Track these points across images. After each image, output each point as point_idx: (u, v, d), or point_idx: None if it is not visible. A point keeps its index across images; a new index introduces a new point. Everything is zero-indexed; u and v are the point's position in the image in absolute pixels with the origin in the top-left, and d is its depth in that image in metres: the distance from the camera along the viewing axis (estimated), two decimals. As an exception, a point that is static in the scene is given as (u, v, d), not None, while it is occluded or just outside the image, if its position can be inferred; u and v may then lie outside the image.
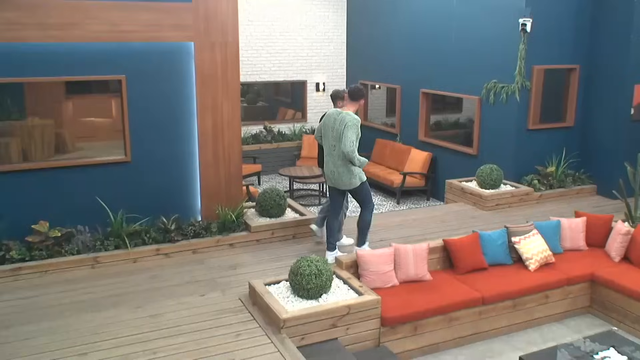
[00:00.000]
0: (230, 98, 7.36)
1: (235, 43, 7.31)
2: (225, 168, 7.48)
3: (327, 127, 6.64)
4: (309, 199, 11.33)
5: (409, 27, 11.80)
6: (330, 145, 6.61)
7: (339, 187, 6.70)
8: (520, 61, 9.12)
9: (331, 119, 6.60)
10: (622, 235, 6.66)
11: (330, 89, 14.26)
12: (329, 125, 6.62)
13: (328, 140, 6.64)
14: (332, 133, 6.55)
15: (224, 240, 7.17)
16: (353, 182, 6.61)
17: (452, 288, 5.91)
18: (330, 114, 6.67)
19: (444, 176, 10.57)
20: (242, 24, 12.55)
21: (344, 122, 6.43)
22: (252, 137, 13.27)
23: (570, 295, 6.38)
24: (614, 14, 9.13)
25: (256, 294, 5.59)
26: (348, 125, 6.38)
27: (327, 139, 6.66)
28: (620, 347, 4.92)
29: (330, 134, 6.58)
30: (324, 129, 6.72)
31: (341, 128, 6.43)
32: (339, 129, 6.46)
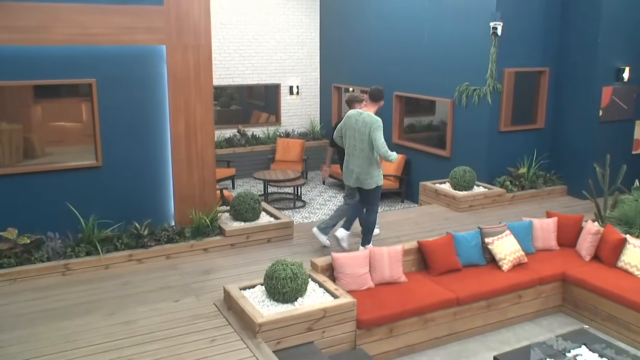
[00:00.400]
0: (203, 101, 7.30)
1: (208, 46, 7.26)
2: (199, 172, 7.41)
3: (348, 127, 6.85)
4: (283, 202, 11.31)
5: (382, 31, 11.87)
6: (351, 146, 6.83)
7: (359, 186, 6.93)
8: (492, 64, 9.24)
9: (352, 120, 6.80)
10: (592, 235, 6.77)
11: (303, 92, 14.29)
12: (350, 126, 6.82)
13: (349, 140, 6.86)
14: (353, 134, 6.77)
15: (198, 245, 7.11)
16: (370, 183, 6.81)
17: (427, 289, 5.94)
18: (351, 115, 6.85)
19: (418, 178, 10.64)
20: (215, 27, 12.49)
21: (367, 124, 6.64)
22: (225, 141, 13.19)
23: (543, 295, 6.47)
24: (582, 17, 9.31)
25: (231, 299, 5.54)
26: (373, 128, 6.60)
27: (348, 140, 6.86)
28: (592, 344, 5.00)
29: (352, 134, 6.79)
30: (345, 129, 6.91)
31: (365, 130, 6.64)
32: (361, 129, 6.68)
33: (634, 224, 7.16)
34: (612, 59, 9.34)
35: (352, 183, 6.95)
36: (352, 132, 6.79)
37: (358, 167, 6.78)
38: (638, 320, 5.77)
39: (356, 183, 6.90)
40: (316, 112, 14.63)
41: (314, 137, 14.20)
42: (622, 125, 9.68)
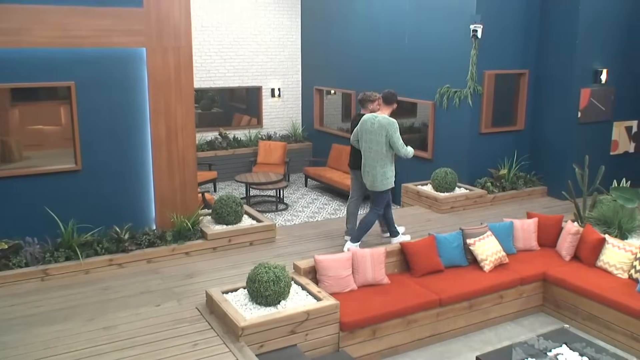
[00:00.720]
0: (183, 104, 7.26)
1: (189, 48, 7.22)
2: (180, 175, 7.36)
3: (364, 131, 7.05)
4: (265, 205, 11.27)
5: (363, 33, 11.90)
6: (367, 148, 7.04)
7: (372, 188, 7.14)
8: (472, 66, 9.31)
9: (368, 124, 7.01)
10: (571, 235, 6.85)
11: (285, 95, 14.28)
12: (365, 129, 7.03)
13: (365, 143, 7.05)
14: (369, 136, 6.99)
15: (180, 248, 7.05)
16: (381, 185, 7.04)
17: (409, 291, 5.96)
18: (367, 119, 7.06)
19: (400, 180, 10.64)
20: (196, 29, 12.43)
21: (383, 127, 6.88)
22: (207, 144, 13.12)
23: (524, 295, 6.52)
24: (561, 21, 9.42)
25: (213, 303, 5.51)
26: (390, 131, 6.85)
27: (365, 142, 7.06)
28: (572, 343, 5.05)
29: (368, 137, 7.00)
30: (361, 132, 7.10)
31: (382, 132, 6.87)
32: (377, 132, 6.91)
33: (613, 224, 7.26)
34: (589, 61, 9.47)
35: (368, 185, 7.15)
36: (368, 134, 6.99)
37: (374, 168, 7.01)
38: (617, 319, 5.84)
39: (370, 185, 7.12)
40: (298, 115, 14.62)
41: (295, 140, 14.18)
42: (600, 126, 9.81)
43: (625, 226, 7.21)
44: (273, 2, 13.78)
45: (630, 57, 9.82)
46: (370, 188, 7.15)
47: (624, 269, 6.31)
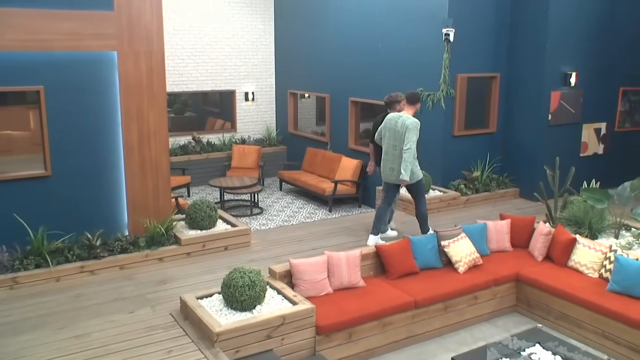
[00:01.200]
0: (156, 108, 7.18)
1: (161, 52, 7.15)
2: (153, 180, 7.28)
3: (388, 129, 7.41)
4: (240, 209, 11.21)
5: (337, 37, 11.93)
6: (391, 145, 7.38)
7: (396, 182, 7.45)
8: (445, 70, 9.39)
9: (392, 122, 7.38)
10: (543, 236, 6.94)
11: (259, 98, 14.23)
12: (390, 128, 7.39)
13: (388, 140, 7.41)
14: (393, 134, 7.34)
15: (153, 254, 6.97)
16: (412, 179, 7.36)
17: (385, 293, 5.97)
18: (391, 118, 7.42)
19: (375, 183, 10.71)
20: (168, 32, 12.32)
21: (405, 125, 7.22)
22: (180, 148, 13.00)
23: (498, 295, 6.59)
24: (531, 24, 9.57)
25: (188, 309, 5.45)
26: (409, 128, 7.18)
27: (388, 140, 7.41)
28: (545, 342, 5.12)
29: (391, 134, 7.35)
30: (385, 130, 7.46)
31: (403, 130, 7.20)
32: (400, 130, 7.24)
33: (583, 224, 7.38)
34: (559, 65, 9.63)
35: (393, 180, 7.47)
36: (392, 132, 7.34)
37: (398, 164, 7.29)
38: (588, 318, 5.93)
39: (395, 180, 7.43)
40: (272, 118, 14.59)
41: (270, 144, 14.14)
42: (570, 128, 9.98)
43: (596, 226, 7.34)
44: (246, 6, 13.74)
45: (598, 60, 10.02)
46: (395, 182, 7.49)
47: (595, 269, 6.42)
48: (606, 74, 10.16)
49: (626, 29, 10.21)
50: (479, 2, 9.55)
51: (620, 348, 5.66)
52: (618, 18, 10.08)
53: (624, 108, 10.56)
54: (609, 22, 9.98)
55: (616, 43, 10.14)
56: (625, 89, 10.47)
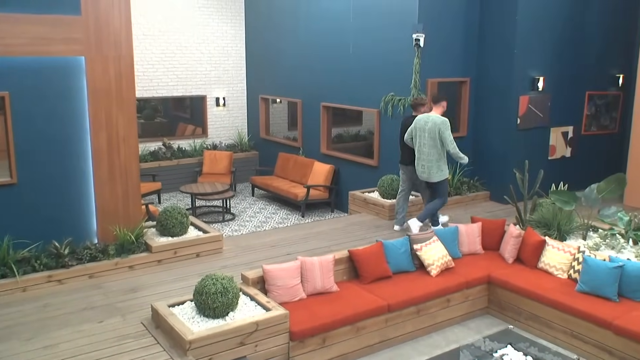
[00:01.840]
0: (125, 114, 7.08)
1: (130, 57, 7.05)
2: (123, 187, 7.17)
3: (419, 128, 7.84)
4: (212, 215, 11.12)
5: (308, 42, 11.95)
6: (421, 144, 7.81)
7: (429, 180, 7.90)
8: (415, 74, 9.47)
9: (422, 122, 7.81)
10: (514, 238, 7.03)
11: (230, 104, 14.17)
12: (420, 127, 7.82)
13: (419, 140, 7.83)
14: (423, 133, 7.76)
15: (123, 262, 6.85)
16: (437, 176, 7.83)
17: (358, 298, 5.97)
18: (421, 118, 7.85)
19: (347, 188, 10.74)
20: (137, 37, 12.18)
21: (436, 125, 7.65)
22: (150, 154, 12.86)
23: (470, 298, 6.65)
24: (499, 30, 9.72)
25: (159, 317, 5.37)
26: (442, 128, 7.62)
27: (419, 139, 7.83)
28: (516, 343, 5.18)
29: (422, 134, 7.78)
30: (415, 131, 7.89)
31: (435, 129, 7.64)
32: (431, 129, 7.67)
33: (552, 226, 7.50)
34: (527, 70, 9.79)
35: (424, 177, 7.91)
36: (422, 132, 7.76)
37: (428, 162, 7.76)
38: (558, 318, 6.02)
39: (427, 177, 7.87)
40: (244, 124, 14.53)
41: (241, 149, 14.08)
42: (538, 132, 10.14)
43: (564, 228, 7.46)
44: (216, 11, 13.68)
45: (565, 65, 10.22)
46: (428, 180, 7.92)
47: (564, 270, 6.52)
48: (573, 78, 10.36)
49: (592, 34, 10.44)
50: (448, 8, 9.67)
51: (589, 347, 5.76)
52: (584, 24, 10.30)
53: (589, 112, 10.78)
54: (575, 28, 10.20)
55: (582, 48, 10.36)
56: (591, 93, 10.70)
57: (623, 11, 10.75)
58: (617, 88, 11.10)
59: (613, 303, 5.86)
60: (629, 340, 5.41)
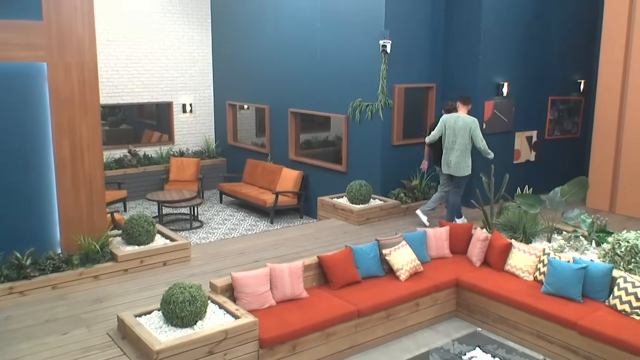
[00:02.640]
0: (89, 121, 6.95)
1: (93, 63, 6.93)
2: (87, 195, 7.02)
3: (448, 127, 8.47)
4: (179, 223, 10.99)
5: (275, 48, 11.94)
6: (451, 141, 8.47)
7: (456, 174, 8.52)
8: (382, 80, 9.54)
9: (452, 121, 8.46)
10: (481, 242, 7.12)
11: (197, 110, 14.07)
12: (450, 126, 8.46)
13: (449, 137, 8.47)
14: (453, 132, 8.43)
15: (88, 272, 6.71)
16: (465, 171, 8.51)
17: (328, 304, 5.96)
18: (450, 118, 8.51)
19: (316, 193, 10.74)
20: (101, 43, 12.00)
21: (467, 124, 8.35)
22: (115, 162, 12.65)
23: (439, 301, 6.69)
24: (465, 36, 9.87)
25: (126, 327, 5.27)
26: (473, 127, 8.34)
27: (448, 137, 8.47)
28: (485, 346, 5.23)
29: (452, 132, 8.44)
30: (445, 129, 8.51)
31: (467, 127, 8.34)
32: (462, 127, 8.35)
33: (518, 229, 7.62)
34: (492, 76, 9.96)
35: (451, 172, 8.51)
36: (452, 130, 8.41)
37: (457, 157, 8.41)
38: (524, 320, 6.11)
39: (454, 171, 8.48)
40: (211, 130, 14.42)
41: (209, 156, 13.97)
42: (503, 136, 10.31)
43: (529, 231, 7.58)
44: (182, 17, 13.57)
45: (528, 71, 10.43)
46: (455, 174, 8.52)
47: (530, 272, 6.62)
48: (536, 84, 10.58)
49: (554, 41, 10.68)
50: (414, 15, 9.77)
51: (554, 347, 5.85)
52: (546, 31, 10.53)
53: (553, 117, 11.02)
54: (538, 35, 10.42)
55: (545, 55, 10.59)
56: (553, 98, 10.94)
57: (583, 19, 11.04)
58: (578, 93, 11.38)
59: (577, 304, 5.97)
60: (593, 340, 5.51)
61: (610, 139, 9.76)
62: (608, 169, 9.83)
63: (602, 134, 9.89)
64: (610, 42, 9.66)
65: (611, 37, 9.64)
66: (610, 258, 6.67)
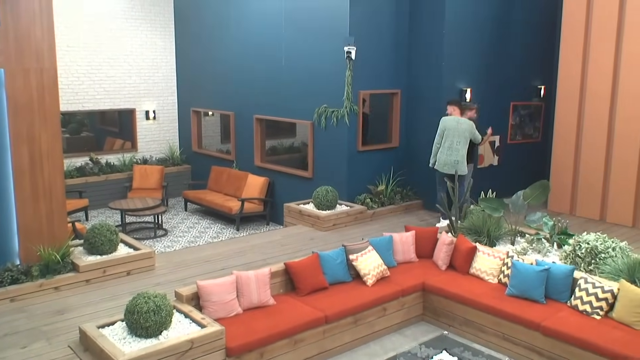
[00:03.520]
0: (49, 128, 6.78)
1: (53, 69, 6.78)
2: (47, 205, 6.84)
3: (451, 129, 8.88)
4: (143, 232, 10.81)
5: (240, 54, 11.88)
6: (454, 142, 8.85)
7: (458, 172, 8.67)
8: (348, 86, 9.58)
9: (454, 123, 8.90)
10: (446, 245, 7.18)
11: (161, 117, 13.89)
12: (452, 128, 8.88)
13: (451, 138, 8.85)
14: (454, 133, 8.84)
15: (48, 283, 6.53)
16: (464, 169, 8.87)
17: (295, 310, 5.93)
18: (451, 120, 8.96)
19: (282, 200, 10.69)
20: (61, 49, 11.74)
21: (468, 127, 8.87)
22: (76, 170, 12.39)
23: (406, 306, 6.73)
24: (428, 43, 9.99)
25: (88, 339, 5.14)
26: (472, 130, 8.92)
27: (450, 138, 8.85)
28: (451, 349, 5.28)
29: (453, 133, 8.84)
30: (446, 130, 8.91)
31: (467, 130, 8.86)
32: (464, 129, 8.84)
33: (482, 233, 7.72)
34: (455, 81, 10.10)
35: (452, 171, 8.76)
36: (455, 131, 8.84)
37: (458, 157, 8.81)
38: (490, 322, 6.18)
39: (455, 170, 8.69)
40: (175, 137, 14.25)
41: (173, 163, 13.80)
42: (466, 141, 10.44)
43: (493, 234, 7.69)
44: (145, 22, 13.40)
45: (491, 77, 10.61)
46: (459, 172, 8.73)
47: (494, 275, 6.71)
48: (498, 90, 10.77)
49: (515, 48, 10.90)
50: (378, 22, 9.85)
51: (519, 349, 5.93)
52: (508, 38, 10.74)
53: (514, 121, 11.23)
54: (499, 42, 10.62)
55: (507, 61, 10.80)
56: (515, 103, 11.15)
57: (543, 26, 11.30)
58: (539, 99, 11.63)
59: (541, 305, 6.08)
60: (556, 341, 5.61)
61: (570, 143, 9.99)
62: (568, 172, 10.06)
63: (562, 138, 10.13)
64: (569, 49, 9.91)
65: (569, 45, 9.89)
66: (572, 260, 6.81)
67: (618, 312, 5.67)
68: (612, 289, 5.77)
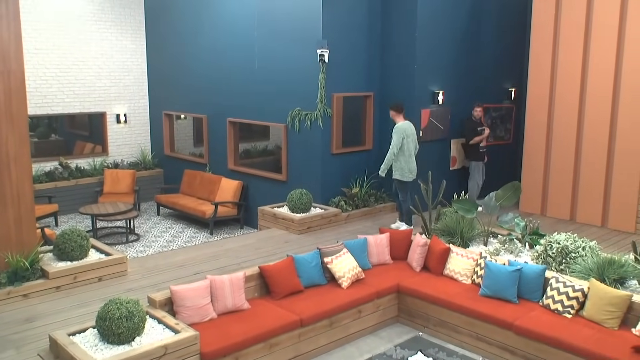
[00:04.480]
0: (16, 132, 6.63)
1: (20, 72, 6.63)
2: (15, 210, 6.69)
3: (410, 135, 8.98)
4: (115, 237, 10.64)
5: (212, 57, 11.81)
6: (412, 148, 9.02)
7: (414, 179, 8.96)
8: (321, 89, 9.58)
9: (411, 129, 9.02)
10: (420, 247, 7.22)
11: (132, 120, 13.71)
12: (411, 134, 9.00)
13: (411, 144, 8.99)
14: (412, 139, 9.00)
15: (17, 291, 6.38)
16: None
17: (270, 314, 5.89)
18: (408, 126, 9.01)
19: (256, 203, 10.64)
20: (28, 51, 11.52)
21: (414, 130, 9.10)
22: (45, 175, 12.15)
23: (381, 308, 6.74)
24: (401, 46, 10.05)
25: (58, 347, 5.03)
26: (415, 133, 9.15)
27: (411, 144, 8.98)
28: (426, 350, 5.30)
29: (412, 139, 9.00)
30: (406, 137, 8.91)
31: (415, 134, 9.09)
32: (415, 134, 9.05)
33: (456, 234, 7.79)
34: (427, 84, 10.18)
35: (413, 176, 8.97)
36: (413, 137, 8.99)
37: (415, 164, 9.02)
38: (464, 322, 6.23)
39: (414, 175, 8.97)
40: (147, 141, 14.08)
41: (145, 167, 13.62)
42: (440, 143, 10.55)
43: (467, 235, 7.76)
44: (115, 25, 13.23)
45: (463, 80, 10.72)
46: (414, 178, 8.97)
47: (468, 275, 6.77)
48: (470, 92, 10.88)
49: (487, 52, 11.04)
50: (351, 25, 9.88)
51: (493, 348, 5.99)
52: (479, 42, 10.88)
53: (486, 123, 11.35)
54: (471, 46, 10.74)
55: (478, 64, 10.93)
56: (486, 105, 11.28)
57: (513, 30, 11.47)
58: (510, 101, 11.80)
59: (513, 305, 6.14)
60: (529, 340, 5.68)
61: (540, 145, 10.15)
62: (539, 173, 10.22)
63: (532, 140, 10.28)
64: (538, 52, 10.07)
65: (539, 48, 10.05)
66: (543, 259, 6.91)
67: (588, 311, 5.76)
68: (582, 288, 5.86)
